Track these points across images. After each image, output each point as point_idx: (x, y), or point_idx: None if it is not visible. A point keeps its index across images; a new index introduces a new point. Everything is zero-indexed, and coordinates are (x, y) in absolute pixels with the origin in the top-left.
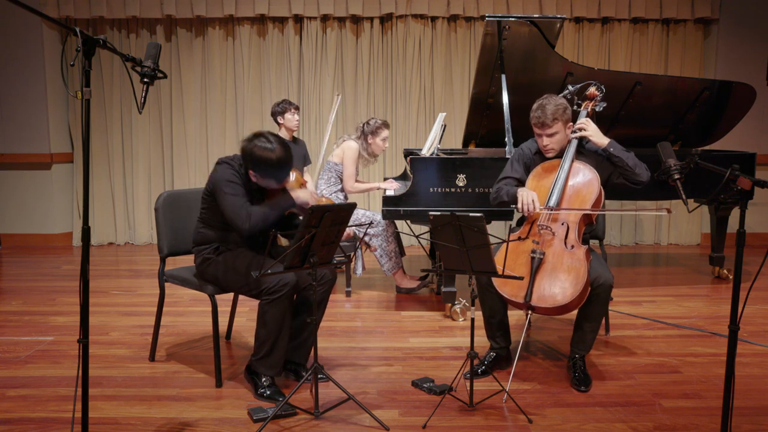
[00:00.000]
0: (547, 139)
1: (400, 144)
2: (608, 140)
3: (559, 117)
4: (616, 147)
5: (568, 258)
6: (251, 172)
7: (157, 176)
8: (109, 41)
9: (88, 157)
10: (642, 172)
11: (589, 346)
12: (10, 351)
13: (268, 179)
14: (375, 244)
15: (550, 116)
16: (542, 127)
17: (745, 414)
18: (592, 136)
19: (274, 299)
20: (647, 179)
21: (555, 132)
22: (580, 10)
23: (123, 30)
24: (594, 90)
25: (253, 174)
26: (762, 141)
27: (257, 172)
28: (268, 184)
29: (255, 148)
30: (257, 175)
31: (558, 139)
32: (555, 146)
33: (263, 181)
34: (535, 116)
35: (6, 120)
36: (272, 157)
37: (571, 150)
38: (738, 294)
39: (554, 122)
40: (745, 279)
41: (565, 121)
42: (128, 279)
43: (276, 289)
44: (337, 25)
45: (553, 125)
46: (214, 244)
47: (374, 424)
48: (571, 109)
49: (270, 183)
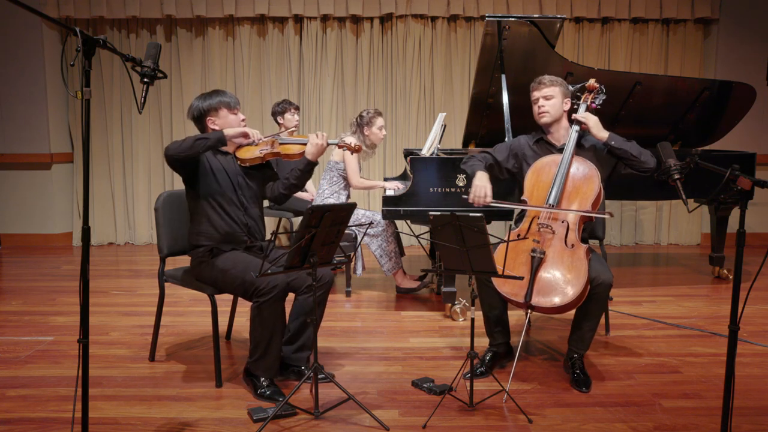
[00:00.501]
0: (543, 101)
1: (400, 144)
2: (608, 133)
3: (557, 83)
4: (617, 139)
5: (568, 257)
6: (209, 119)
7: (157, 176)
8: (109, 41)
9: (88, 157)
10: (648, 159)
11: (587, 345)
12: (10, 351)
13: (221, 111)
14: (375, 245)
15: (547, 79)
16: (539, 86)
17: (745, 414)
18: (592, 128)
19: (265, 301)
20: (654, 165)
21: (551, 95)
22: (580, 10)
23: (123, 30)
24: (593, 82)
25: (210, 120)
26: (762, 141)
27: (208, 112)
28: (228, 121)
29: (197, 99)
30: (212, 116)
31: (553, 104)
32: (550, 111)
33: (222, 121)
34: (533, 82)
35: (6, 120)
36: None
37: (571, 145)
38: (738, 294)
39: (552, 83)
40: (745, 279)
41: (563, 92)
42: (128, 279)
43: (267, 290)
44: (337, 25)
45: (551, 86)
46: (208, 246)
47: (374, 424)
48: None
49: (228, 118)
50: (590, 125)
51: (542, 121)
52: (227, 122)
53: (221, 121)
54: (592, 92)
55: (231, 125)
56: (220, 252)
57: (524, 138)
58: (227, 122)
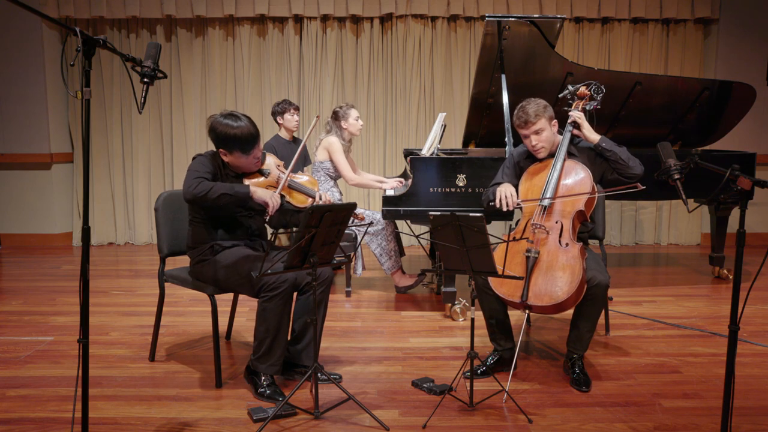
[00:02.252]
0: (534, 138)
1: (400, 144)
2: (599, 136)
3: (541, 113)
4: (608, 142)
5: (563, 256)
6: (221, 150)
7: (157, 176)
8: (109, 41)
9: (88, 157)
10: (635, 165)
11: (585, 345)
12: (10, 351)
13: (235, 153)
14: (375, 243)
15: (532, 113)
16: (526, 125)
17: (745, 414)
18: (584, 129)
19: (273, 296)
20: (641, 172)
21: (541, 129)
22: (580, 10)
23: (123, 30)
24: (584, 89)
25: (222, 152)
26: (762, 141)
27: (223, 146)
28: (239, 162)
29: (218, 123)
30: (225, 151)
31: (546, 137)
32: (545, 144)
33: (233, 158)
34: (517, 118)
35: (6, 120)
36: (233, 131)
37: (563, 148)
38: (738, 294)
39: (537, 118)
40: (745, 279)
41: (549, 118)
42: (128, 279)
43: (275, 285)
44: (337, 25)
45: (537, 121)
46: (209, 243)
47: (374, 424)
48: (553, 110)
49: (240, 160)
50: (582, 127)
51: (540, 156)
52: (238, 162)
53: (232, 159)
54: (583, 99)
55: (242, 165)
56: (222, 248)
57: (516, 151)
58: (238, 162)
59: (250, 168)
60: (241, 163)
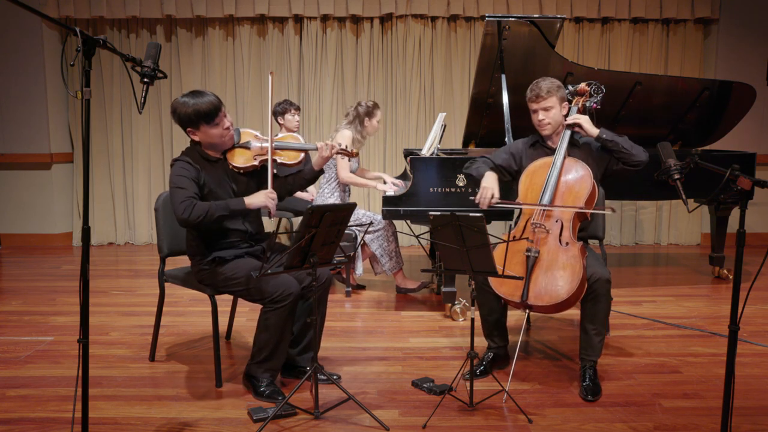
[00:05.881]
0: (542, 113)
1: (400, 144)
2: (599, 129)
3: (554, 91)
4: (608, 133)
5: (563, 255)
6: (189, 130)
7: (157, 176)
8: (109, 41)
9: (88, 157)
10: (639, 152)
11: (597, 351)
12: (10, 351)
13: (202, 128)
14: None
15: (545, 89)
16: (537, 99)
17: (745, 414)
18: (584, 125)
19: (278, 308)
20: (646, 158)
21: (550, 106)
22: (580, 10)
23: (123, 30)
24: (584, 86)
25: (190, 131)
26: (762, 141)
27: (188, 125)
28: (211, 137)
29: (177, 103)
30: (192, 129)
31: (553, 115)
32: (551, 121)
33: (203, 135)
34: (529, 90)
35: (6, 120)
36: (192, 105)
37: (564, 146)
38: (738, 294)
39: (549, 95)
40: (745, 279)
41: (560, 98)
42: (128, 279)
43: (281, 298)
44: (337, 25)
45: (548, 98)
46: (209, 256)
47: (374, 424)
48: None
49: (209, 133)
50: (582, 124)
51: (544, 132)
52: (209, 136)
53: (202, 136)
54: (583, 95)
55: (213, 138)
56: (224, 261)
57: (521, 142)
58: (209, 136)
59: (224, 142)
60: (213, 139)
